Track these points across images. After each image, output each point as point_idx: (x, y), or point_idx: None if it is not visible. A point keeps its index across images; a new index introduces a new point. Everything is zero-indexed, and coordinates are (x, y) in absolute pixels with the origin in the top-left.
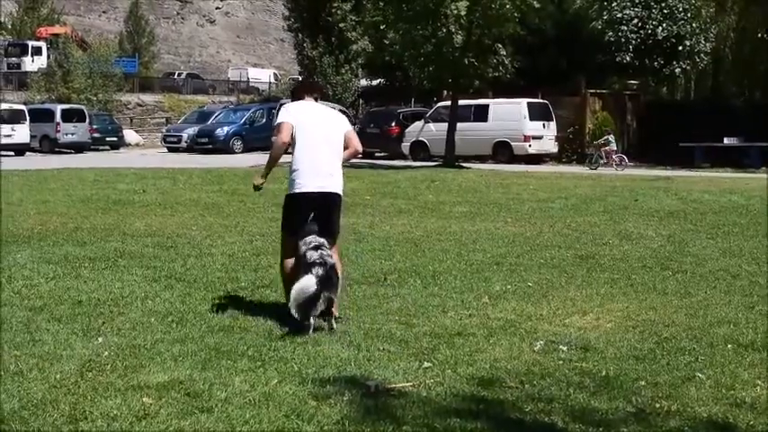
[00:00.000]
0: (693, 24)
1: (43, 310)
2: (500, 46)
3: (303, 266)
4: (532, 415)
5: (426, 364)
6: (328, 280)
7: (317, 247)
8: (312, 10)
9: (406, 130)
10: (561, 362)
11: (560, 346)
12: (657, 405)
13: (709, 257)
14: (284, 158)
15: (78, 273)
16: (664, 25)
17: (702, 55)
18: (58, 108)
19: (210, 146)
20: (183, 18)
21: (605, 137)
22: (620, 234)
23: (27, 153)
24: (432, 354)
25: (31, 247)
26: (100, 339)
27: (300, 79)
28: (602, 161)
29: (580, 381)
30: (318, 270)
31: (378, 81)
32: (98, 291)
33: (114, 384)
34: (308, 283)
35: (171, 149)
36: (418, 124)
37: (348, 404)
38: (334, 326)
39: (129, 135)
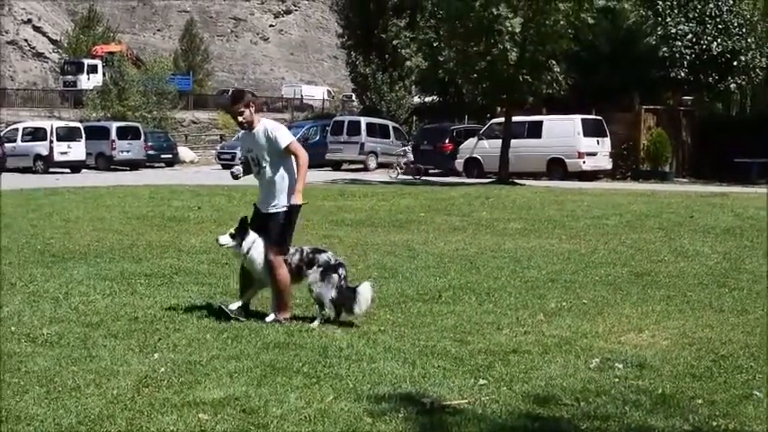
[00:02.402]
0: (749, 39)
1: (100, 326)
2: (554, 62)
3: (327, 268)
4: None
5: (482, 382)
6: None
7: (319, 251)
8: (365, 27)
9: (460, 147)
10: (617, 379)
11: (616, 364)
12: (714, 423)
13: (766, 274)
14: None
15: (134, 289)
16: (718, 40)
17: (758, 70)
18: (114, 125)
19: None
20: (236, 36)
21: (403, 148)
22: (676, 251)
23: (83, 170)
24: (487, 371)
25: (87, 264)
26: (156, 355)
27: (249, 94)
28: (400, 170)
29: (636, 399)
30: (342, 270)
31: (431, 98)
32: (154, 307)
33: (170, 400)
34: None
35: (225, 166)
36: (472, 141)
37: (403, 421)
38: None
39: (184, 152)
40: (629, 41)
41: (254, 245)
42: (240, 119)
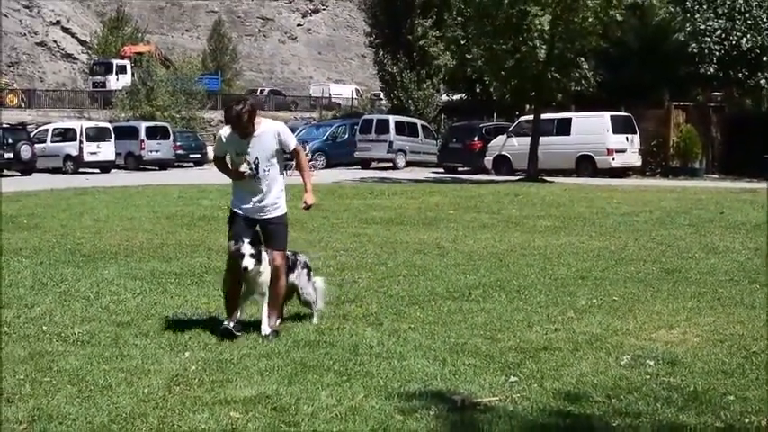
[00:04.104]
0: None
1: (131, 325)
2: (582, 59)
3: (309, 269)
4: (620, 430)
5: (512, 379)
6: None
7: (296, 252)
8: (393, 26)
9: (489, 145)
10: (648, 376)
11: (647, 361)
12: (747, 420)
13: None
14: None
15: (165, 288)
16: (748, 36)
17: None
18: (143, 126)
19: (293, 162)
20: (264, 35)
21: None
22: (707, 247)
23: (112, 170)
24: (518, 368)
25: (117, 263)
26: (187, 354)
27: (249, 100)
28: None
29: (668, 395)
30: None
31: (459, 96)
32: (184, 306)
33: (202, 398)
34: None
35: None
36: (501, 138)
37: (434, 418)
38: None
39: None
40: (657, 38)
41: (266, 260)
42: (251, 129)
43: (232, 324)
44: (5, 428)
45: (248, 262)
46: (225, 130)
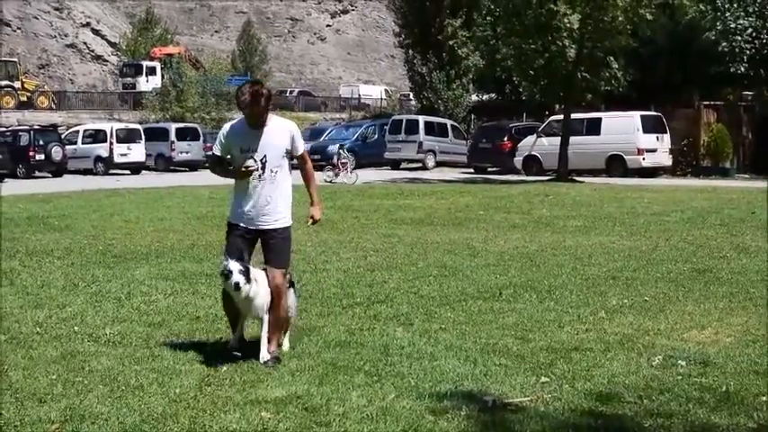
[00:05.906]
0: None
1: (162, 325)
2: (612, 59)
3: (293, 285)
4: (652, 430)
5: (543, 379)
6: None
7: None
8: (422, 26)
9: (519, 145)
10: (680, 377)
11: (679, 361)
12: None
13: None
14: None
15: (195, 289)
16: None
17: None
18: (173, 127)
19: (323, 162)
20: (294, 36)
21: (339, 151)
22: (738, 247)
23: (143, 171)
24: (549, 368)
25: (149, 264)
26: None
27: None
28: (337, 171)
29: (700, 396)
30: None
31: (489, 96)
32: (215, 306)
33: (233, 399)
34: None
35: None
36: (531, 138)
37: (465, 419)
38: None
39: None
40: (687, 37)
41: (259, 280)
42: (265, 117)
43: (237, 344)
44: (38, 428)
45: (239, 278)
46: (229, 125)
